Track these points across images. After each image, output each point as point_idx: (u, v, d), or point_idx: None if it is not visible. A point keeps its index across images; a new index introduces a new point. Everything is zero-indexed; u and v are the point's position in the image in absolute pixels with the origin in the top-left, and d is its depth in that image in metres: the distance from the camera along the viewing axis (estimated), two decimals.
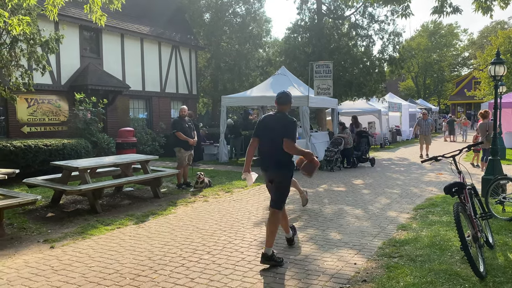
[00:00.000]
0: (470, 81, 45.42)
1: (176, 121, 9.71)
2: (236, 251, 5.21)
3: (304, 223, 6.55)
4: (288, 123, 4.81)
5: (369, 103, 21.76)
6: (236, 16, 24.06)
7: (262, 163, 5.12)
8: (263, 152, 5.13)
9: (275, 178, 4.97)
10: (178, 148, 9.58)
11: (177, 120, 9.72)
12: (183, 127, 9.54)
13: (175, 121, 9.77)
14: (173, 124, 9.67)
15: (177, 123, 9.62)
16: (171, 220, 6.83)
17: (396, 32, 19.53)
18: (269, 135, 4.89)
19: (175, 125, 9.60)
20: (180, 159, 9.66)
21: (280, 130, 4.77)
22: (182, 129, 9.49)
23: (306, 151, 5.00)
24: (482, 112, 11.64)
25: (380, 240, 5.57)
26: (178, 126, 9.51)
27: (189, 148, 9.67)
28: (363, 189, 9.59)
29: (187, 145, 9.57)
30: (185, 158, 9.66)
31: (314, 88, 13.13)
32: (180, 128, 9.49)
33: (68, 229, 6.37)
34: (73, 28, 15.19)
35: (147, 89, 18.60)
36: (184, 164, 9.68)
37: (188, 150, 9.69)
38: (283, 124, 4.80)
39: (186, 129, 9.58)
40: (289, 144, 4.69)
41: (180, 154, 9.56)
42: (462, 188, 4.30)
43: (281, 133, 4.74)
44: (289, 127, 4.78)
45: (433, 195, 8.74)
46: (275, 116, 5.01)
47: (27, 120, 13.92)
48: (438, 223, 6.25)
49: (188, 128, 9.65)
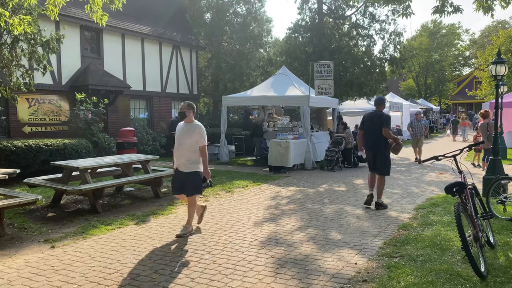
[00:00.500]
0: (472, 81, 45.38)
1: (175, 122, 9.72)
2: (236, 251, 5.20)
3: (305, 223, 6.55)
4: (385, 117, 7.49)
5: (370, 102, 21.74)
6: (237, 16, 24.05)
7: (367, 145, 7.56)
8: (368, 138, 7.52)
9: (378, 154, 7.45)
10: None
11: (176, 121, 9.74)
12: None
13: (173, 122, 9.80)
14: (172, 125, 9.71)
15: (175, 124, 9.66)
16: (172, 220, 6.83)
17: (397, 32, 19.54)
18: (372, 126, 7.42)
19: (174, 125, 9.62)
20: None
21: (380, 122, 7.32)
22: None
23: (395, 137, 7.64)
24: (482, 112, 11.65)
25: (381, 240, 5.56)
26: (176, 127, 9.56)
27: None
28: (364, 189, 9.58)
29: None
30: None
31: (315, 88, 13.13)
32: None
33: (69, 229, 6.37)
34: (74, 28, 15.19)
35: (148, 89, 18.60)
36: None
37: None
38: (382, 118, 7.39)
39: None
40: (387, 131, 7.32)
41: None
42: (463, 188, 4.29)
43: (381, 124, 7.29)
44: (386, 120, 7.42)
45: (434, 195, 8.73)
46: (375, 114, 7.61)
47: (28, 120, 13.93)
48: (439, 223, 6.24)
49: None
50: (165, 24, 19.75)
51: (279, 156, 12.20)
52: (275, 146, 12.26)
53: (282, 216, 6.99)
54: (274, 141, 12.49)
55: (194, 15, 22.41)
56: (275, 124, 16.70)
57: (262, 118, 17.14)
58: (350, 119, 20.79)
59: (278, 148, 12.20)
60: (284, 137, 12.77)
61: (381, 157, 7.42)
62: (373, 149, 7.48)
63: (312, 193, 9.09)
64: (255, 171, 12.39)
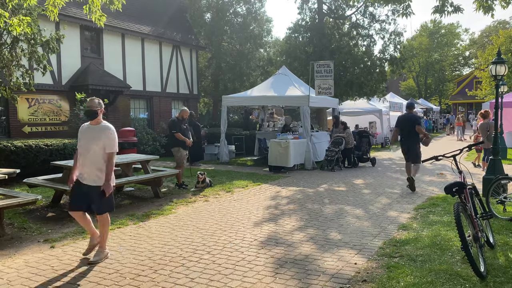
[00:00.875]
0: (472, 81, 45.34)
1: (175, 122, 9.79)
2: (236, 251, 5.20)
3: (304, 222, 6.55)
4: (417, 117, 9.42)
5: (370, 102, 21.75)
6: (237, 16, 24.07)
7: (403, 141, 9.23)
8: (404, 135, 9.16)
9: (411, 148, 9.10)
10: (177, 148, 9.71)
11: (176, 121, 9.80)
12: (181, 128, 9.67)
13: (173, 122, 9.84)
14: (172, 125, 9.73)
15: (176, 124, 9.72)
16: (172, 220, 6.83)
17: (397, 32, 19.52)
18: (407, 125, 9.07)
19: (174, 126, 9.68)
20: (179, 159, 9.73)
21: (414, 121, 9.03)
22: (180, 130, 9.64)
23: (426, 132, 9.36)
24: (482, 112, 11.65)
25: (381, 240, 5.56)
26: (177, 127, 9.63)
27: (186, 148, 9.77)
28: (364, 189, 9.58)
29: (184, 145, 9.69)
30: (184, 157, 9.76)
31: (315, 87, 13.14)
32: (179, 129, 9.63)
33: (69, 228, 6.37)
34: (74, 28, 15.20)
35: (148, 89, 18.62)
36: (183, 164, 9.77)
37: (185, 150, 9.79)
38: (415, 118, 9.20)
39: (184, 131, 9.73)
40: (419, 128, 8.97)
41: (179, 154, 9.66)
42: (462, 188, 4.29)
43: (414, 122, 9.00)
44: (418, 119, 9.24)
45: (434, 195, 8.73)
46: (408, 115, 9.34)
47: (28, 120, 13.94)
48: (439, 223, 6.24)
49: (186, 130, 9.79)
50: (165, 24, 19.78)
51: (279, 156, 12.20)
52: (275, 146, 12.26)
53: (282, 216, 6.99)
54: (274, 141, 12.49)
55: (194, 15, 22.43)
56: (275, 124, 16.70)
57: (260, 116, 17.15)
58: (351, 119, 20.77)
59: (278, 148, 12.20)
60: (284, 137, 12.77)
61: (413, 149, 9.07)
62: (407, 143, 9.12)
63: (312, 193, 9.09)
64: (255, 171, 12.39)
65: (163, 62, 19.45)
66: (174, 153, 9.75)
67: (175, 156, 9.80)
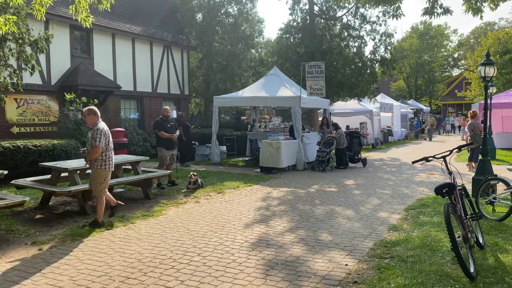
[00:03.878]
0: (461, 82, 45.76)
1: (158, 122, 9.88)
2: (227, 253, 5.17)
3: (295, 224, 6.53)
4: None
5: (361, 103, 21.85)
6: (228, 16, 24.01)
7: None
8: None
9: None
10: (159, 148, 9.88)
11: (159, 121, 9.88)
12: (165, 127, 9.74)
13: (157, 122, 9.98)
14: (155, 125, 9.89)
15: (158, 124, 9.84)
16: (162, 222, 6.78)
17: (387, 33, 19.60)
18: None
19: (156, 125, 9.84)
20: (161, 159, 9.83)
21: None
22: (164, 129, 9.70)
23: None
24: (471, 112, 11.79)
25: (371, 241, 5.56)
26: (160, 127, 9.71)
27: (171, 147, 9.78)
28: (355, 189, 9.61)
29: (169, 144, 9.74)
30: (166, 157, 9.80)
31: (306, 88, 13.14)
32: (162, 128, 9.69)
33: (57, 231, 6.29)
34: (63, 28, 15.04)
35: (139, 89, 18.49)
36: (165, 163, 9.82)
37: (170, 150, 9.80)
38: None
39: (168, 129, 9.79)
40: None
41: (161, 153, 9.80)
42: (452, 189, 4.30)
43: None
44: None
45: (424, 195, 8.77)
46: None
47: (17, 120, 13.75)
48: (429, 223, 6.26)
49: (170, 128, 9.86)
50: (156, 24, 19.66)
51: (270, 156, 12.18)
52: (266, 147, 12.25)
53: (272, 217, 6.97)
54: (266, 141, 12.48)
55: (186, 15, 22.34)
56: (266, 125, 16.69)
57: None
58: (342, 119, 20.86)
59: (269, 149, 12.19)
60: (275, 138, 12.76)
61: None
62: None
63: (303, 194, 9.09)
64: (247, 172, 12.37)
65: (154, 62, 19.32)
66: (158, 153, 9.91)
67: (158, 155, 9.95)
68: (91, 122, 6.48)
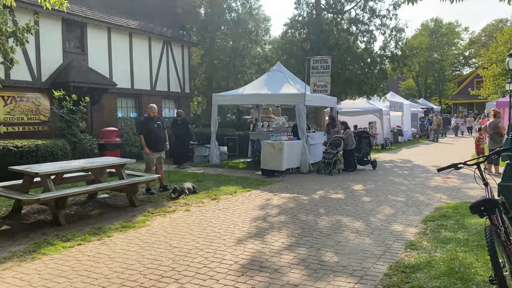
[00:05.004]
0: (472, 81, 44.45)
1: (143, 122, 9.01)
2: (210, 279, 4.27)
3: (295, 239, 5.61)
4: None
5: (370, 102, 20.78)
6: (231, 11, 23.10)
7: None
8: None
9: None
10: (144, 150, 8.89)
11: (144, 121, 9.00)
12: (150, 128, 8.82)
13: (141, 122, 9.10)
14: (139, 125, 8.97)
15: (143, 125, 8.99)
16: (143, 235, 5.89)
17: (398, 28, 18.59)
18: None
19: (140, 126, 8.99)
20: (147, 161, 8.98)
21: None
22: (148, 130, 8.80)
23: None
24: (493, 110, 10.95)
25: (386, 263, 4.63)
26: (143, 128, 8.88)
27: (157, 149, 8.88)
28: (364, 196, 8.65)
29: (154, 146, 8.83)
30: (152, 160, 8.87)
31: (310, 85, 12.19)
32: (146, 129, 8.80)
33: (19, 246, 5.43)
34: (55, 21, 14.25)
35: (136, 86, 17.66)
36: (151, 167, 8.95)
37: (157, 152, 8.88)
38: None
39: (154, 130, 8.86)
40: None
41: (146, 156, 8.86)
42: (494, 206, 3.34)
43: None
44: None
45: (443, 203, 7.80)
46: None
47: (4, 119, 12.96)
48: (453, 240, 5.30)
49: (157, 129, 8.90)
50: (155, 18, 18.80)
51: (272, 158, 11.26)
52: (268, 148, 11.32)
53: (270, 231, 6.06)
54: (267, 142, 11.55)
55: (186, 9, 21.42)
56: (270, 124, 15.76)
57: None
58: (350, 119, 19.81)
59: (271, 150, 11.26)
60: (278, 138, 11.82)
61: None
62: None
63: (306, 201, 8.16)
64: (247, 175, 11.46)
65: (153, 59, 18.47)
66: (143, 155, 9.01)
67: (144, 158, 9.13)
68: None
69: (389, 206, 7.65)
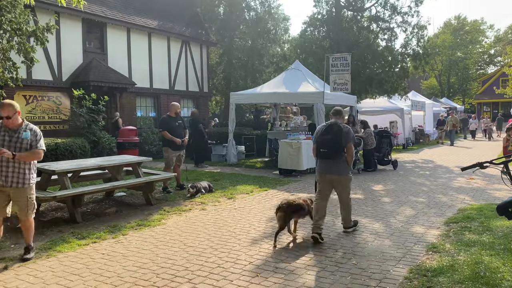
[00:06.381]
0: (497, 79, 43.21)
1: (164, 120, 9.00)
2: (223, 279, 4.17)
3: (312, 240, 5.45)
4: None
5: (391, 101, 20.38)
6: (250, 10, 23.02)
7: None
8: None
9: None
10: (165, 148, 8.95)
11: (165, 118, 9.00)
12: (171, 126, 8.79)
13: (162, 120, 9.11)
14: (160, 123, 8.99)
15: (164, 122, 8.94)
16: (157, 234, 5.84)
17: (420, 25, 18.15)
18: None
19: (162, 123, 8.97)
20: (166, 160, 8.94)
21: None
22: (169, 128, 8.76)
23: None
24: None
25: (406, 266, 4.45)
26: (165, 125, 8.81)
27: (177, 148, 8.85)
28: (384, 196, 8.43)
29: (175, 145, 8.79)
30: (172, 158, 8.85)
31: (330, 83, 11.98)
32: (168, 127, 8.76)
33: (35, 243, 5.40)
34: (76, 21, 14.44)
35: (155, 86, 17.76)
36: (171, 165, 8.92)
37: (177, 150, 8.87)
38: None
39: (175, 128, 8.82)
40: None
41: (167, 154, 8.86)
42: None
43: None
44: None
45: (466, 204, 7.52)
46: None
47: (26, 118, 13.12)
48: (477, 243, 5.07)
49: (178, 127, 8.87)
50: (174, 18, 18.88)
51: (289, 158, 11.11)
52: (285, 147, 11.18)
53: (286, 231, 5.91)
54: (285, 141, 11.41)
55: (205, 9, 21.46)
56: (288, 124, 15.59)
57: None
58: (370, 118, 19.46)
59: (288, 149, 11.11)
60: (296, 137, 11.66)
61: None
62: None
63: None
64: (264, 174, 11.34)
65: (172, 58, 18.55)
66: (163, 153, 8.97)
67: (164, 156, 9.06)
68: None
69: (410, 207, 7.42)
